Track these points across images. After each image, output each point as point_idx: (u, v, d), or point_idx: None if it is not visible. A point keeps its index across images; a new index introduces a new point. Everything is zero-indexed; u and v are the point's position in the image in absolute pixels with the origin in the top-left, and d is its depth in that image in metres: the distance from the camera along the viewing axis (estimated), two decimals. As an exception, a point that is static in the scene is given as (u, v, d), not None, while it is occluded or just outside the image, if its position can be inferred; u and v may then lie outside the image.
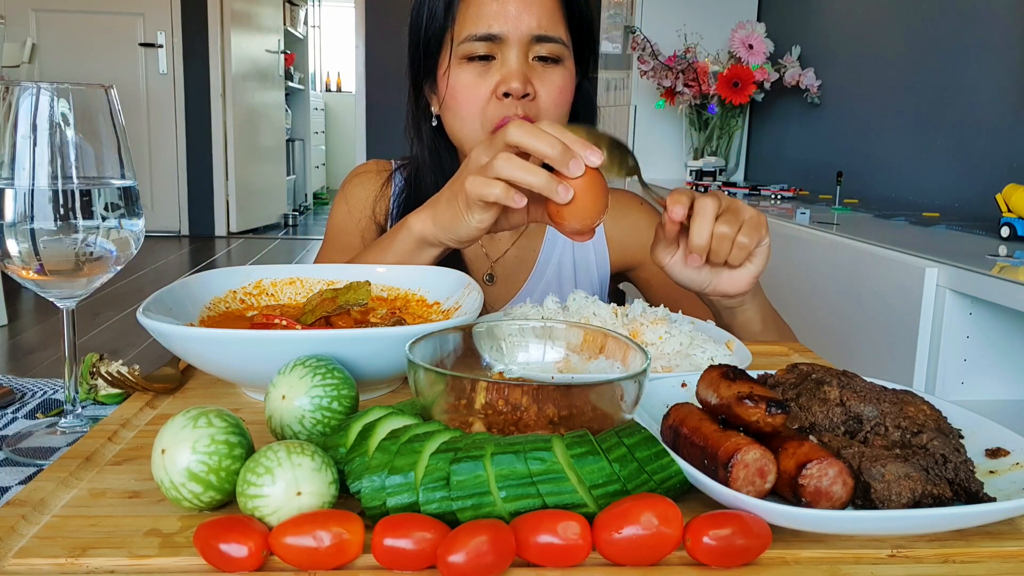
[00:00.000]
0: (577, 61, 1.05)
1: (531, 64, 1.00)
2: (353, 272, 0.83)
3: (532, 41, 0.99)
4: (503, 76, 0.99)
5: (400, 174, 1.17)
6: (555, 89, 1.01)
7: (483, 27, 0.98)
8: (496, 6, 0.98)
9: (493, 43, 0.99)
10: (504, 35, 0.98)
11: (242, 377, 0.66)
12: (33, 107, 0.58)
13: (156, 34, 5.85)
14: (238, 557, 0.42)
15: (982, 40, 1.96)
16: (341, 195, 1.19)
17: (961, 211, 2.01)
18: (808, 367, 0.60)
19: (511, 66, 0.98)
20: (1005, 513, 0.46)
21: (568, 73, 1.03)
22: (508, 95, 0.98)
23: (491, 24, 0.98)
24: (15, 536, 0.45)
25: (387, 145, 6.46)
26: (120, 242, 0.63)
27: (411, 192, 1.12)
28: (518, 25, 0.98)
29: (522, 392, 0.50)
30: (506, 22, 0.98)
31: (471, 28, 0.99)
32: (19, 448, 0.62)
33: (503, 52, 0.99)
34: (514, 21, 0.98)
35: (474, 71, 1.00)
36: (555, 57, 1.01)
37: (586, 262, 1.17)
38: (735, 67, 2.75)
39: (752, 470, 0.46)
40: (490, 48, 0.99)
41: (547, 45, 1.00)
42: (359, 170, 1.21)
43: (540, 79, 1.00)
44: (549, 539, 0.42)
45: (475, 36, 0.99)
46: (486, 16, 0.98)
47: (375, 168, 1.20)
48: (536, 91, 1.00)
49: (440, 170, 1.10)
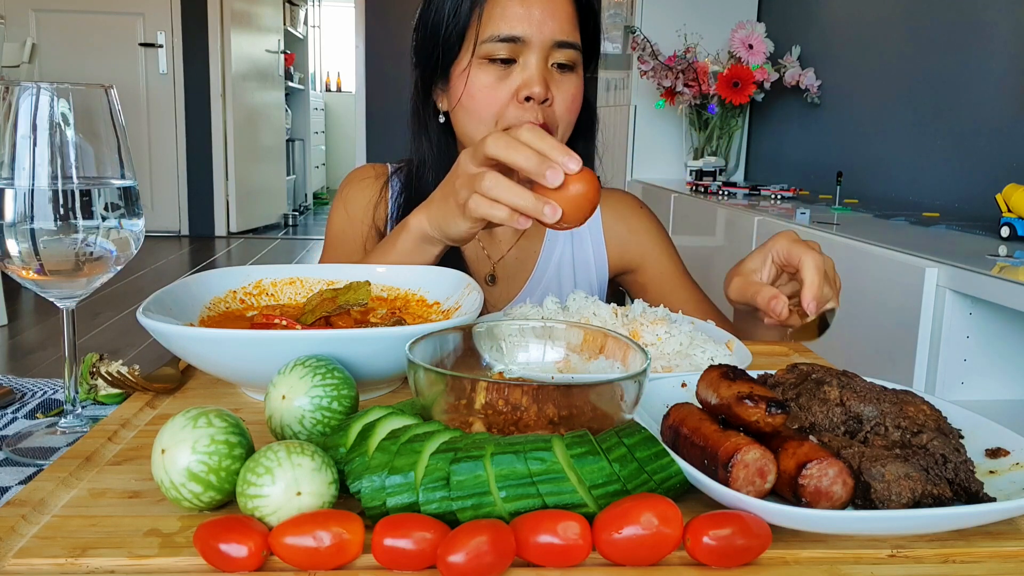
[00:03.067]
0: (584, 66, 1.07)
1: (549, 70, 1.01)
2: (353, 272, 0.83)
3: (553, 47, 1.00)
4: (525, 80, 0.99)
5: (397, 177, 1.17)
6: (569, 96, 1.03)
7: (507, 29, 0.99)
8: (522, 9, 0.99)
9: (516, 45, 0.99)
10: (528, 38, 0.99)
11: (242, 377, 0.66)
12: (33, 107, 0.58)
13: (156, 34, 5.85)
14: (238, 557, 0.42)
15: (982, 40, 1.96)
16: (339, 201, 1.18)
17: (961, 211, 2.01)
18: (808, 367, 0.60)
19: (533, 71, 0.99)
20: (1005, 513, 0.46)
21: (580, 80, 1.05)
22: (528, 99, 0.99)
23: (515, 27, 0.99)
24: (15, 536, 0.45)
25: (387, 145, 6.46)
26: (120, 242, 0.63)
27: (411, 193, 1.12)
28: (542, 30, 0.99)
29: (522, 392, 0.50)
30: (531, 26, 0.99)
31: (495, 29, 0.99)
32: (19, 448, 0.62)
33: (524, 56, 1.00)
34: (538, 25, 0.99)
35: (494, 73, 1.01)
36: (571, 64, 1.02)
37: (585, 263, 1.17)
38: (735, 67, 2.75)
39: (752, 470, 0.46)
40: (512, 51, 1.00)
41: (566, 51, 1.01)
42: (356, 175, 1.20)
43: (557, 85, 1.01)
44: (549, 539, 0.42)
45: (499, 37, 0.99)
46: (511, 18, 0.99)
47: (372, 173, 1.19)
48: (553, 97, 1.01)
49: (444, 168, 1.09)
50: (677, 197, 2.62)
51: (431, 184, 1.09)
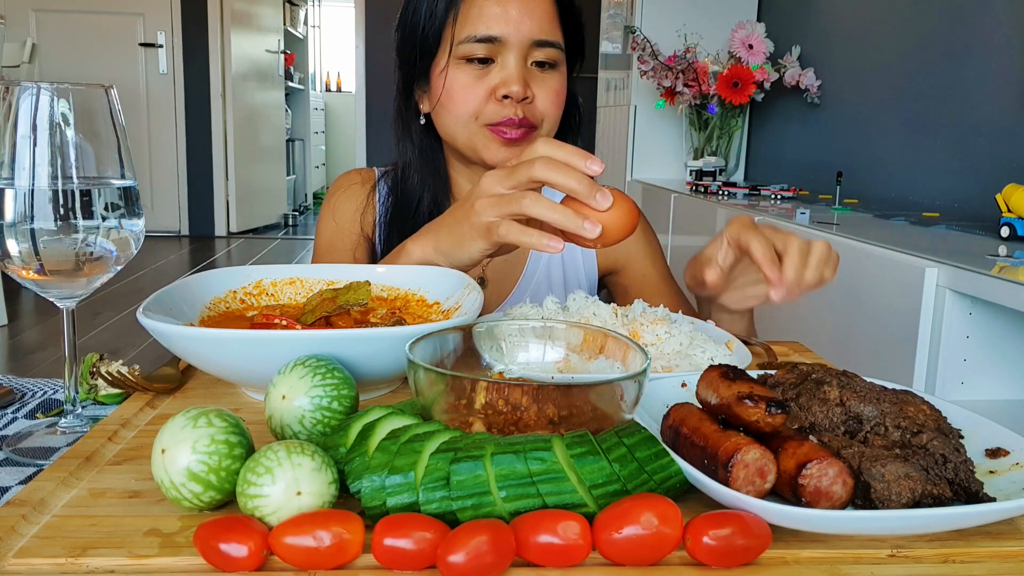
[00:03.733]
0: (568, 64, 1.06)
1: (529, 68, 1.01)
2: (353, 272, 0.83)
3: (532, 46, 1.00)
4: (503, 79, 0.99)
5: (384, 182, 1.16)
6: (552, 93, 1.02)
7: (483, 29, 0.98)
8: (498, 9, 0.98)
9: (493, 45, 0.99)
10: (505, 38, 0.99)
11: (242, 377, 0.66)
12: (33, 107, 0.58)
13: (156, 34, 5.85)
14: (238, 557, 0.42)
15: (982, 40, 1.96)
16: (327, 210, 1.17)
17: (961, 211, 2.01)
18: (808, 367, 0.60)
19: (511, 70, 0.99)
20: (1005, 513, 0.46)
21: (563, 77, 1.04)
22: (507, 97, 0.99)
23: (492, 26, 0.98)
24: (15, 536, 0.45)
25: (387, 145, 6.39)
26: (120, 242, 0.63)
27: (397, 196, 1.11)
28: (519, 29, 0.99)
29: (522, 392, 0.50)
30: (507, 25, 0.98)
31: (471, 29, 0.99)
32: (19, 448, 0.62)
33: (502, 55, 1.00)
34: (515, 25, 0.99)
35: (472, 72, 1.00)
36: (552, 62, 1.02)
37: (575, 265, 1.17)
38: (735, 67, 2.75)
39: (752, 470, 0.46)
40: (490, 51, 0.99)
41: (545, 50, 1.01)
42: (343, 182, 1.19)
43: (538, 83, 1.01)
44: (549, 539, 0.42)
45: (475, 37, 0.99)
46: (487, 18, 0.99)
47: (359, 179, 1.18)
48: (534, 95, 1.01)
49: (428, 168, 1.10)
50: (677, 197, 2.62)
51: (416, 186, 1.09)
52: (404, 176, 1.11)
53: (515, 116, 0.99)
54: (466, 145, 1.04)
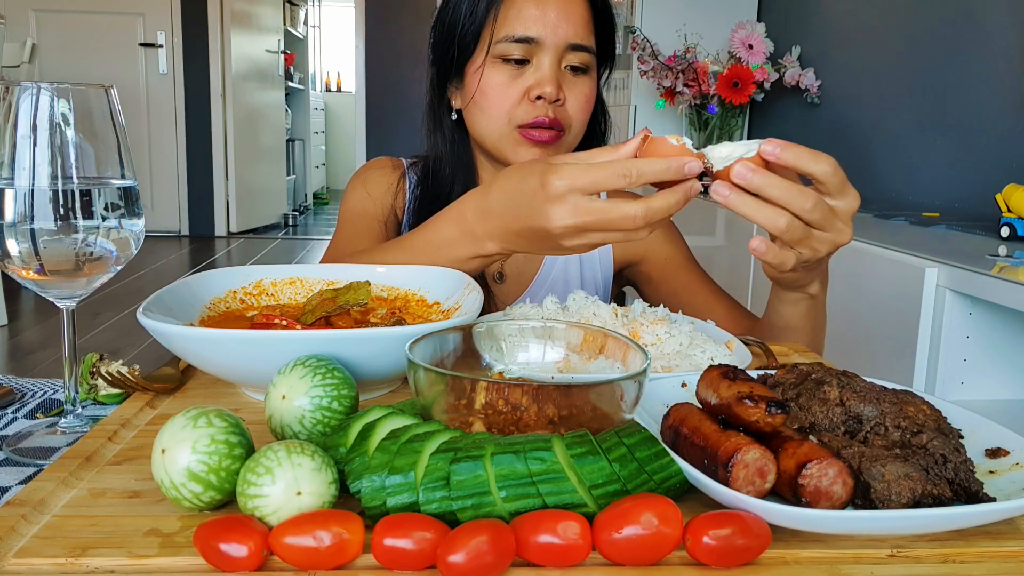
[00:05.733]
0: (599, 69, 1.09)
1: (563, 71, 1.03)
2: (353, 272, 0.83)
3: (567, 49, 1.02)
4: (537, 80, 1.01)
5: (413, 171, 1.18)
6: (583, 97, 1.05)
7: (521, 29, 1.01)
8: (537, 11, 1.01)
9: (529, 46, 1.01)
10: (542, 40, 1.01)
11: (242, 377, 0.66)
12: (33, 107, 0.58)
13: (156, 34, 5.84)
14: (238, 557, 0.42)
15: (982, 40, 1.96)
16: (359, 181, 1.18)
17: (961, 211, 2.01)
18: (808, 367, 0.60)
19: (545, 72, 1.01)
20: (1005, 513, 0.46)
21: (593, 83, 1.07)
22: (540, 98, 1.01)
23: (530, 28, 1.01)
24: (15, 536, 0.45)
25: (387, 145, 6.46)
26: (120, 242, 0.62)
27: (427, 187, 1.13)
28: (556, 31, 1.01)
29: (522, 392, 0.50)
30: (545, 27, 1.01)
31: (510, 29, 1.01)
32: (19, 448, 0.62)
33: (538, 57, 1.02)
34: (553, 27, 1.01)
35: (508, 72, 1.03)
36: (584, 67, 1.04)
37: (591, 257, 1.18)
38: (735, 67, 2.75)
39: (752, 470, 0.46)
40: (526, 51, 1.02)
41: (579, 54, 1.03)
42: (376, 164, 1.21)
43: (569, 87, 1.04)
44: (549, 539, 0.42)
45: (513, 37, 1.01)
46: (525, 19, 1.01)
47: (390, 164, 1.21)
48: (565, 97, 1.03)
49: (459, 164, 1.12)
50: (677, 197, 2.62)
51: (448, 178, 1.11)
52: (435, 168, 1.13)
53: (546, 117, 1.01)
54: (494, 145, 1.06)
